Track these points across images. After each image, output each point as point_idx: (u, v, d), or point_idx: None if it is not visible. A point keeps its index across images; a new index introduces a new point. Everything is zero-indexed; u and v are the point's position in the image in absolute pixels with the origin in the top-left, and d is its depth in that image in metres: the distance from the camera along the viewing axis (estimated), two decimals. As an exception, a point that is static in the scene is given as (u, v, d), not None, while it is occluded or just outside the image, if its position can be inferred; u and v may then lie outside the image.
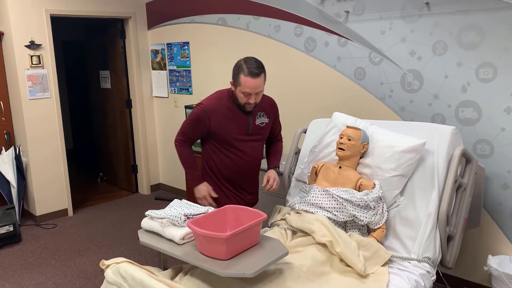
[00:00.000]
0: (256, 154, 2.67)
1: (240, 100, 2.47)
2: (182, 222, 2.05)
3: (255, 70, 2.37)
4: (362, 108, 3.34)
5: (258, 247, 1.98)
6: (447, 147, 2.42)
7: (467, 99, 2.80)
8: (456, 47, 2.79)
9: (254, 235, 1.98)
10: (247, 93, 2.41)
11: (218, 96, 2.57)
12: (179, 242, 2.01)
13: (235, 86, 2.46)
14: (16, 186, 4.46)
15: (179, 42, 4.90)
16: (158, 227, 2.12)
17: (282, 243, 2.04)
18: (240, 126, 2.56)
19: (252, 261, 1.85)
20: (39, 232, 4.37)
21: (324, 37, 3.49)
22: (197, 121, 2.54)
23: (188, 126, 2.59)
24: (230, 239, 1.82)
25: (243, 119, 2.56)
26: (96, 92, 5.88)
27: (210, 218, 2.05)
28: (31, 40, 4.36)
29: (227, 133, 2.54)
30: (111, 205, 5.14)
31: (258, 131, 2.64)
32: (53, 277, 3.45)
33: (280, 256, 1.92)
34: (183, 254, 1.93)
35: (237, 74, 2.42)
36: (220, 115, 2.51)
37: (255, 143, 2.64)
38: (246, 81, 2.38)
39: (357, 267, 2.10)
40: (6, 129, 4.62)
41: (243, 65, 2.39)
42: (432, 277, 2.26)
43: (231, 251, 1.86)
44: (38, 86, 4.46)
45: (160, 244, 2.05)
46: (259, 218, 1.95)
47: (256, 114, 2.60)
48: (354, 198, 2.34)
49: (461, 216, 2.48)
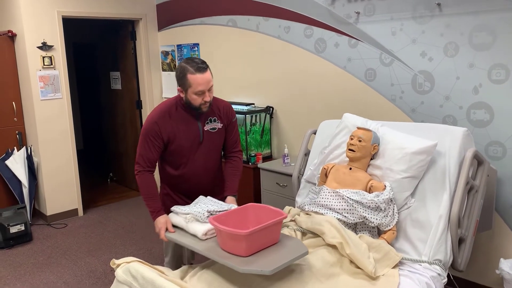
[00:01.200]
0: (210, 164, 2.53)
1: (195, 103, 2.31)
2: (205, 218, 2.10)
3: (200, 65, 2.25)
4: (373, 109, 3.32)
5: (279, 245, 2.01)
6: (458, 149, 2.40)
7: (479, 100, 2.77)
8: (468, 48, 2.77)
9: (274, 234, 2.00)
10: (201, 91, 2.26)
11: (163, 107, 2.41)
12: (202, 238, 2.06)
13: (185, 90, 2.30)
14: (28, 186, 4.50)
15: (189, 44, 4.92)
16: (182, 222, 2.18)
17: (302, 243, 2.05)
18: (191, 134, 2.42)
19: (271, 259, 1.88)
20: (50, 232, 4.41)
21: (334, 38, 3.48)
22: (148, 137, 2.36)
23: (142, 146, 2.39)
24: (250, 236, 1.85)
25: (193, 126, 2.42)
26: (106, 93, 5.92)
27: (232, 216, 2.09)
28: (43, 42, 4.40)
29: (179, 143, 2.41)
30: (121, 205, 5.17)
31: (210, 138, 2.49)
32: (63, 276, 3.48)
33: (300, 255, 1.93)
34: (204, 249, 1.98)
35: (183, 76, 2.27)
36: (169, 126, 2.38)
37: (209, 152, 2.50)
38: (196, 78, 2.24)
39: (367, 269, 2.09)
40: (18, 129, 4.67)
41: (186, 66, 2.26)
42: (443, 279, 2.24)
43: (250, 248, 1.89)
44: (49, 86, 4.50)
45: (184, 238, 2.12)
46: (280, 217, 1.97)
47: (205, 119, 2.45)
48: (365, 199, 2.33)
49: (473, 218, 2.46)
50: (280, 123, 4.09)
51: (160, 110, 2.41)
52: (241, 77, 4.36)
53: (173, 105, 2.42)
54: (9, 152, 4.54)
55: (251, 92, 4.28)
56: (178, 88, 2.34)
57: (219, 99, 2.56)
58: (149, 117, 2.40)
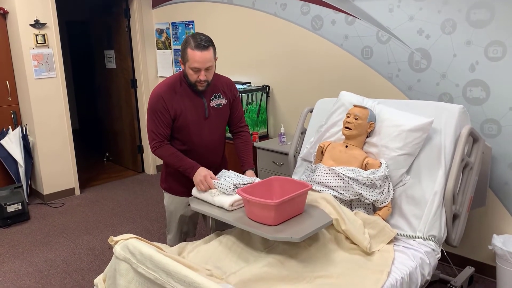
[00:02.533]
0: (216, 140, 2.53)
1: (190, 78, 2.30)
2: (232, 191, 2.19)
3: (202, 42, 2.22)
4: (369, 87, 3.32)
5: (304, 215, 2.10)
6: (454, 126, 2.41)
7: (476, 78, 2.77)
8: (465, 25, 2.75)
9: (300, 204, 2.09)
10: (196, 68, 2.25)
11: (167, 83, 2.40)
12: (228, 209, 2.16)
13: (183, 62, 2.30)
14: (24, 165, 4.50)
15: (184, 21, 4.86)
16: (208, 196, 2.27)
17: (327, 213, 2.13)
18: (197, 109, 2.41)
19: (299, 227, 1.97)
20: (47, 211, 4.43)
21: (331, 15, 3.45)
22: (157, 113, 2.35)
23: (152, 123, 2.38)
24: (278, 206, 1.93)
25: (198, 102, 2.41)
26: (101, 72, 5.86)
27: (257, 188, 2.17)
28: (35, 19, 4.33)
29: (185, 118, 2.39)
30: (117, 184, 5.18)
31: (216, 114, 2.48)
32: (61, 254, 3.51)
33: (325, 223, 2.01)
34: (233, 219, 2.08)
35: (184, 49, 2.26)
36: (175, 101, 2.36)
37: (214, 128, 2.50)
38: (193, 55, 2.22)
39: (362, 245, 2.12)
40: (12, 108, 4.63)
41: (190, 39, 2.24)
42: (437, 255, 2.28)
43: (279, 218, 1.97)
44: (43, 65, 4.45)
45: (211, 209, 2.21)
46: (305, 189, 2.05)
47: (210, 95, 2.44)
48: (360, 177, 2.35)
49: (467, 195, 2.49)
50: (276, 102, 4.08)
51: (164, 85, 2.39)
52: (237, 55, 4.32)
53: (177, 81, 2.41)
54: (4, 131, 4.52)
55: (247, 70, 4.26)
56: (180, 59, 2.35)
57: (221, 75, 2.55)
58: (154, 93, 2.38)
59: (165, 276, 1.62)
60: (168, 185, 2.61)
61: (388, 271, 2.00)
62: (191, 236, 2.80)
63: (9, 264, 3.38)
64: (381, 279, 1.94)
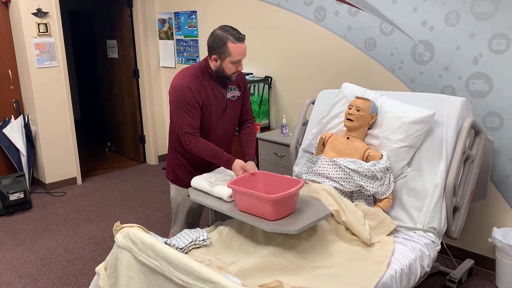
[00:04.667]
0: (229, 133, 2.54)
1: (229, 72, 2.30)
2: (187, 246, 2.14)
3: (240, 34, 2.25)
4: (372, 79, 3.30)
5: (303, 206, 2.11)
6: (456, 119, 2.40)
7: (479, 71, 2.76)
8: (469, 17, 2.73)
9: (293, 203, 2.07)
10: (238, 60, 2.27)
11: (189, 73, 2.35)
12: (227, 200, 2.19)
13: (221, 58, 2.27)
14: (26, 154, 4.51)
15: (186, 11, 4.83)
16: (207, 186, 2.29)
17: (325, 205, 2.14)
18: (219, 102, 2.41)
19: (296, 219, 1.98)
20: (49, 200, 4.45)
21: (334, 6, 3.43)
22: (186, 103, 2.29)
23: (183, 115, 2.31)
24: (277, 201, 1.93)
25: (219, 94, 2.40)
26: (103, 61, 5.85)
27: (243, 181, 2.20)
28: (37, 8, 4.32)
29: (209, 110, 2.38)
30: (119, 174, 5.20)
31: (232, 106, 2.49)
32: (63, 243, 3.53)
33: (323, 216, 2.02)
34: (228, 210, 2.12)
35: (223, 44, 2.23)
36: (202, 91, 2.33)
37: (229, 121, 2.50)
38: (236, 48, 2.23)
39: (362, 236, 2.13)
40: (14, 97, 4.64)
41: (225, 34, 2.24)
42: (437, 247, 2.28)
43: (277, 214, 1.98)
44: (45, 54, 4.45)
45: (209, 200, 2.25)
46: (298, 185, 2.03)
47: (227, 88, 2.45)
48: (361, 168, 2.35)
49: (468, 187, 2.49)
50: (278, 93, 4.07)
51: (188, 76, 2.33)
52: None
53: (198, 72, 2.36)
54: (6, 120, 4.53)
55: (249, 61, 4.24)
56: (214, 56, 2.28)
57: None
58: (180, 85, 2.31)
59: (166, 265, 1.63)
60: (175, 177, 2.59)
61: (388, 262, 2.00)
62: (195, 227, 2.81)
63: (11, 252, 3.40)
64: (380, 270, 1.95)
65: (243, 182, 2.18)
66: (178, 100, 2.31)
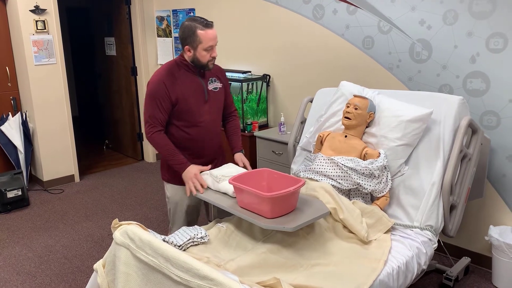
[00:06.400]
0: (215, 124, 2.56)
1: (204, 60, 2.34)
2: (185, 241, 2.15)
3: (207, 21, 2.31)
4: (370, 77, 3.31)
5: (301, 205, 2.11)
6: (453, 117, 2.41)
7: (476, 70, 2.77)
8: (467, 16, 2.74)
9: (294, 200, 2.07)
10: (210, 46, 2.31)
11: (166, 68, 2.42)
12: (233, 195, 2.19)
13: (193, 48, 2.32)
14: (23, 152, 4.51)
15: (184, 9, 4.83)
16: (213, 182, 2.30)
17: (323, 203, 2.13)
18: (197, 92, 2.44)
19: (294, 217, 1.98)
20: (47, 197, 4.44)
21: (332, 5, 3.43)
22: (157, 98, 2.35)
23: (151, 108, 2.37)
24: (274, 199, 1.94)
25: (198, 85, 2.44)
26: (101, 59, 5.84)
27: (247, 177, 2.20)
28: (35, 5, 4.30)
29: (187, 102, 2.41)
30: (117, 172, 5.20)
31: (214, 97, 2.52)
32: (61, 240, 3.53)
33: (321, 215, 2.02)
34: (230, 206, 2.12)
35: (192, 33, 2.29)
36: (177, 85, 2.38)
37: (213, 112, 2.53)
38: (206, 34, 2.28)
39: (360, 234, 2.14)
40: (12, 94, 4.63)
41: (193, 23, 2.29)
42: (434, 244, 2.30)
43: (274, 211, 1.98)
44: (43, 51, 4.44)
45: (213, 196, 2.26)
46: (299, 184, 2.03)
47: (207, 79, 2.49)
48: (359, 166, 2.36)
49: (465, 186, 2.50)
50: (276, 91, 4.08)
51: (164, 71, 2.41)
52: (238, 44, 4.31)
53: (174, 66, 2.43)
54: (3, 117, 4.52)
55: (247, 59, 4.24)
56: (186, 47, 2.35)
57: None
58: (155, 78, 2.39)
59: (164, 262, 1.64)
60: (170, 176, 2.57)
61: (385, 260, 2.01)
62: (193, 226, 2.80)
63: (9, 249, 3.40)
64: (377, 267, 1.96)
65: (247, 178, 2.18)
66: (150, 94, 2.38)
